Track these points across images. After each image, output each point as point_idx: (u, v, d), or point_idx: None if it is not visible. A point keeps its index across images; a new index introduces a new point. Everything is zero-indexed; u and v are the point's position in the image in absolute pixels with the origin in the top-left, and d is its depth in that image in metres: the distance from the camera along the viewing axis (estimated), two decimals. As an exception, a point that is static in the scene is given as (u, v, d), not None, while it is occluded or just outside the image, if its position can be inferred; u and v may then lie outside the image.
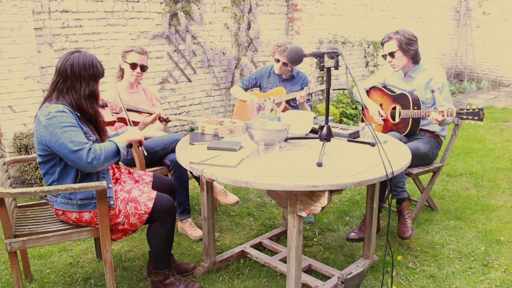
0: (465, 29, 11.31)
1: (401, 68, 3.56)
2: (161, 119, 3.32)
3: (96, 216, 2.50)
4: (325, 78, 7.85)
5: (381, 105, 3.72)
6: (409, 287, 2.83)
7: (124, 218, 2.52)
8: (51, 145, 2.36)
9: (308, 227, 3.67)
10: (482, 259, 3.15)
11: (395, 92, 3.65)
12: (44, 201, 2.87)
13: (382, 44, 3.59)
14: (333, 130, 2.96)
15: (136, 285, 2.89)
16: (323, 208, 2.20)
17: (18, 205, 2.87)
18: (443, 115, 3.16)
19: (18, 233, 2.50)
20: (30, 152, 4.34)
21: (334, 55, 2.48)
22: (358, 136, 2.92)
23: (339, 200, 4.21)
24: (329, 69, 2.52)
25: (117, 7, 5.33)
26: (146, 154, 2.83)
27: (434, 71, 3.52)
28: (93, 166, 2.36)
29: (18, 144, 4.46)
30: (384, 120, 3.66)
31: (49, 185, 2.51)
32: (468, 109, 3.08)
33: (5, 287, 2.89)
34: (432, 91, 3.52)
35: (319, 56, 2.48)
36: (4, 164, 2.82)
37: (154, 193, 2.58)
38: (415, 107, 3.44)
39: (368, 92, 3.89)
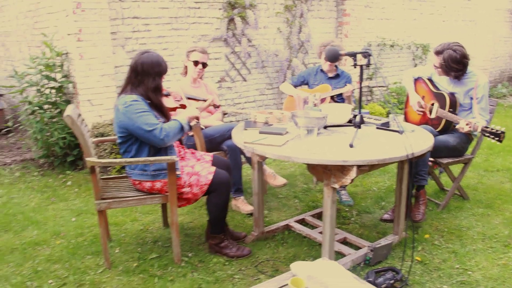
0: (520, 31, 11.29)
1: (443, 75, 3.90)
2: (214, 105, 3.85)
3: (166, 185, 3.07)
4: (373, 78, 8.20)
5: (423, 97, 4.05)
6: (432, 259, 3.23)
7: (189, 188, 3.08)
8: (129, 128, 2.94)
9: (347, 209, 4.12)
10: (504, 241, 3.49)
11: (438, 90, 3.95)
12: (122, 175, 3.48)
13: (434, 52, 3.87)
14: (367, 120, 3.41)
15: (196, 247, 3.44)
16: (352, 180, 2.65)
17: (101, 178, 3.48)
18: (469, 127, 3.50)
19: (104, 197, 3.11)
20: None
21: (367, 54, 2.93)
22: (389, 126, 3.34)
23: (377, 188, 4.62)
24: (361, 67, 2.97)
25: (180, 13, 5.95)
26: (203, 127, 3.37)
27: (477, 82, 3.75)
28: (165, 142, 2.91)
29: (96, 132, 5.14)
30: (423, 112, 4.01)
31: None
32: (492, 129, 3.39)
33: (90, 245, 3.52)
34: (471, 98, 3.82)
35: (353, 55, 2.95)
36: (92, 143, 3.44)
37: (213, 168, 3.13)
38: (451, 109, 3.77)
39: (415, 81, 4.17)
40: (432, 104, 3.94)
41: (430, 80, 4.09)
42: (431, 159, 3.84)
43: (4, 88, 7.91)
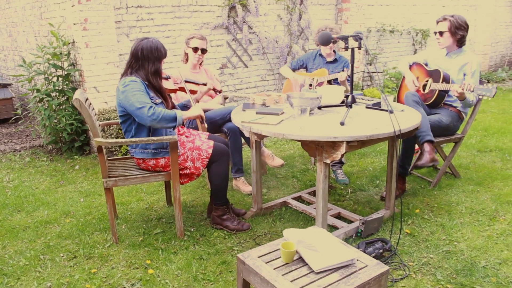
0: (521, 16, 11.34)
1: (445, 46, 4.09)
2: (215, 90, 4.02)
3: (169, 161, 3.26)
4: (372, 64, 8.34)
5: (418, 77, 4.24)
6: (421, 231, 3.41)
7: (191, 163, 3.28)
8: (125, 105, 3.14)
9: (342, 187, 4.30)
10: (490, 215, 3.66)
11: (431, 68, 4.17)
12: (127, 156, 3.68)
13: (437, 22, 4.11)
14: (360, 101, 3.58)
15: (198, 223, 3.64)
16: (342, 155, 2.83)
17: (107, 159, 3.68)
18: (462, 89, 3.69)
19: (110, 175, 3.31)
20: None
21: (358, 38, 3.09)
22: (380, 106, 3.51)
23: (373, 168, 4.80)
24: (352, 49, 3.14)
25: (183, 1, 6.11)
26: (207, 126, 3.58)
27: (471, 58, 4.01)
28: (152, 120, 3.06)
29: (102, 118, 5.33)
30: (417, 90, 4.19)
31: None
32: (483, 87, 3.59)
33: (98, 223, 3.72)
34: (464, 74, 4.02)
35: (344, 38, 3.11)
36: (99, 125, 3.63)
37: (211, 142, 3.35)
38: (444, 82, 3.97)
39: (411, 66, 4.39)
40: (427, 81, 4.11)
41: (426, 64, 4.30)
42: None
43: (12, 77, 8.13)
